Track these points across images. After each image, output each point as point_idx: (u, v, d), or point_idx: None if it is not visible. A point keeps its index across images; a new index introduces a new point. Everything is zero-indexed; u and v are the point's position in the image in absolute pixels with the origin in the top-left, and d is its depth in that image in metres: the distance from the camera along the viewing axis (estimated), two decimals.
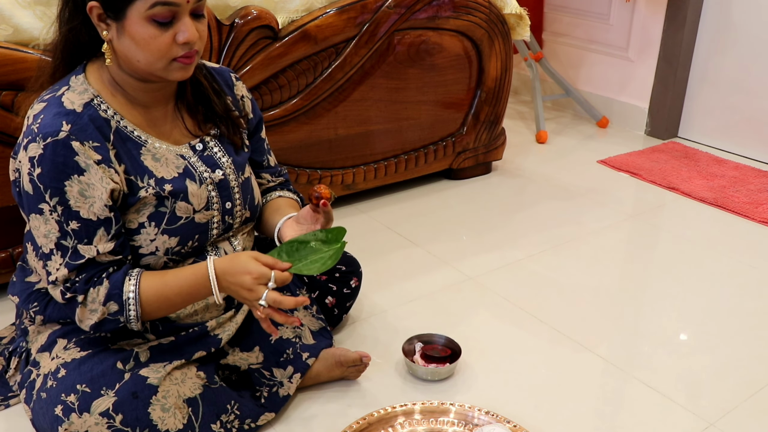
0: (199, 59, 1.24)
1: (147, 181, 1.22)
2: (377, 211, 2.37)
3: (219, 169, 1.32)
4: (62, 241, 1.15)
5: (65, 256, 1.15)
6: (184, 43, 1.14)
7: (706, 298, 1.90)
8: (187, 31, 1.13)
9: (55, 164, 1.11)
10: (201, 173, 1.29)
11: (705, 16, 2.97)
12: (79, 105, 1.16)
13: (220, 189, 1.32)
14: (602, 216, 2.39)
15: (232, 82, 1.41)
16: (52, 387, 1.20)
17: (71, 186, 1.13)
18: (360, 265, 1.69)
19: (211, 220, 1.31)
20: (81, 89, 1.18)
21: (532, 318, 1.79)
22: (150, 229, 1.23)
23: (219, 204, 1.31)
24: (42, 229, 1.15)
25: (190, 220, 1.27)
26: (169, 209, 1.24)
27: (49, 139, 1.11)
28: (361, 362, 1.48)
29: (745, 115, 2.93)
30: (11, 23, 1.58)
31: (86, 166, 1.13)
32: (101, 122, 1.18)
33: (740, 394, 1.53)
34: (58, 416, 1.16)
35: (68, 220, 1.14)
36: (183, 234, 1.27)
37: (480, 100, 2.52)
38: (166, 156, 1.25)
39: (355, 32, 2.10)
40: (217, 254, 1.35)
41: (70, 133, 1.12)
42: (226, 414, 1.29)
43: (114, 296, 1.17)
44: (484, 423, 1.37)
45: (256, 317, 1.24)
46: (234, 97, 1.40)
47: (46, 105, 1.16)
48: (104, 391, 1.18)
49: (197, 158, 1.30)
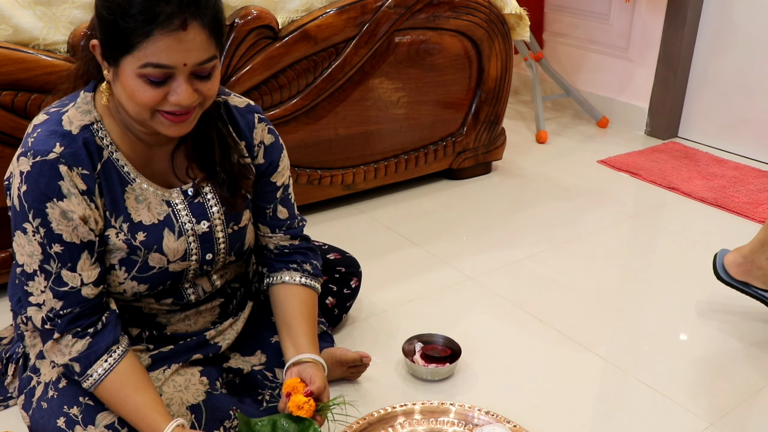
0: (198, 115, 1.14)
1: (120, 224, 1.16)
2: (377, 211, 2.37)
3: (205, 220, 1.24)
4: (45, 264, 1.11)
5: (48, 279, 1.11)
6: (174, 104, 1.07)
7: (706, 298, 1.90)
8: (179, 94, 1.05)
9: (39, 185, 1.08)
10: (183, 224, 1.22)
11: (705, 16, 2.97)
12: (76, 127, 1.12)
13: (202, 241, 1.24)
14: (602, 216, 2.39)
15: (253, 124, 1.29)
16: (53, 398, 1.19)
17: (53, 209, 1.09)
18: (360, 265, 1.69)
19: (187, 269, 1.25)
20: (84, 109, 1.15)
21: (532, 318, 1.79)
22: (120, 272, 1.18)
23: (198, 255, 1.24)
24: (26, 249, 1.11)
25: (163, 270, 1.21)
26: (142, 258, 1.19)
27: (39, 157, 1.08)
28: (361, 362, 1.48)
29: (745, 115, 2.93)
30: (11, 23, 1.58)
31: (68, 193, 1.09)
32: (94, 148, 1.13)
33: (740, 394, 1.53)
34: (61, 428, 1.15)
35: (51, 243, 1.10)
36: (154, 281, 1.22)
37: (480, 100, 2.52)
38: (150, 200, 1.19)
39: (355, 32, 2.10)
40: (195, 291, 1.29)
41: (60, 156, 1.09)
42: (229, 420, 1.27)
43: (82, 363, 1.13)
44: (484, 423, 1.37)
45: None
46: (250, 142, 1.29)
47: (47, 119, 1.13)
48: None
49: (185, 206, 1.22)
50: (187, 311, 1.32)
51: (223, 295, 1.37)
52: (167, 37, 1.01)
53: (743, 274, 1.73)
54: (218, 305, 1.37)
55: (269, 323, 1.45)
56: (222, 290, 1.37)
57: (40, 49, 1.62)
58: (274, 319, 1.38)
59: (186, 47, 1.03)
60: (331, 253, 1.67)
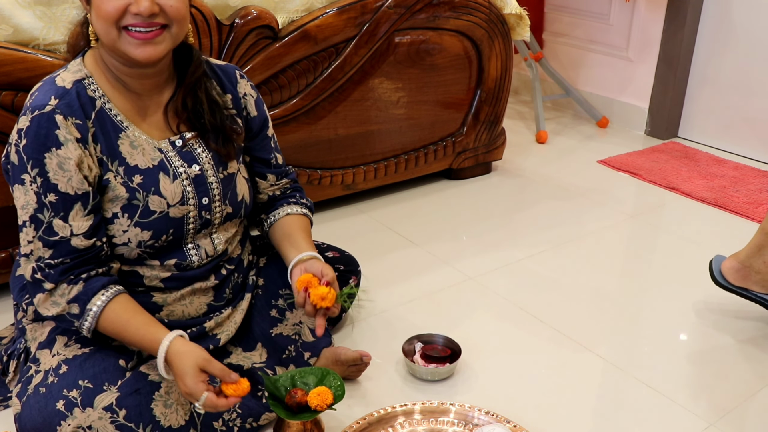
0: (170, 43, 1.20)
1: (117, 167, 1.22)
2: (377, 211, 2.37)
3: (196, 164, 1.30)
4: (38, 214, 1.16)
5: (38, 229, 1.16)
6: (135, 14, 1.12)
7: (705, 298, 1.90)
8: (139, 3, 1.11)
9: (38, 136, 1.14)
10: (176, 168, 1.27)
11: (705, 16, 2.97)
12: (69, 82, 1.20)
13: (197, 184, 1.29)
14: (602, 216, 2.39)
15: (236, 79, 1.39)
16: (53, 383, 1.20)
17: (50, 159, 1.14)
18: (359, 264, 1.69)
19: (187, 215, 1.29)
20: (75, 69, 1.22)
21: (532, 318, 1.79)
22: (123, 220, 1.23)
23: (195, 199, 1.29)
24: (21, 200, 1.17)
25: (164, 215, 1.26)
26: (142, 202, 1.24)
27: (36, 112, 1.15)
28: (361, 361, 1.48)
29: (745, 115, 2.93)
30: (11, 23, 1.58)
31: (65, 140, 1.15)
32: (86, 99, 1.20)
33: (740, 394, 1.53)
34: (59, 411, 1.16)
35: (46, 192, 1.15)
36: (156, 228, 1.26)
37: (480, 100, 2.52)
38: (143, 146, 1.25)
39: (355, 32, 2.10)
40: (197, 252, 1.33)
41: (55, 107, 1.15)
42: (228, 412, 1.29)
43: (80, 300, 1.18)
44: (484, 423, 1.37)
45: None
46: (236, 95, 1.39)
47: (42, 84, 1.21)
48: (107, 387, 1.18)
49: (175, 153, 1.29)
50: (184, 289, 1.33)
51: (217, 275, 1.38)
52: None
53: (741, 280, 1.72)
54: (212, 287, 1.37)
55: (269, 316, 1.46)
56: (217, 268, 1.38)
57: (40, 49, 1.62)
58: (275, 238, 1.45)
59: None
60: (329, 251, 1.67)
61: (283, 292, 1.48)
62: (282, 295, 1.48)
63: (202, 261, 1.34)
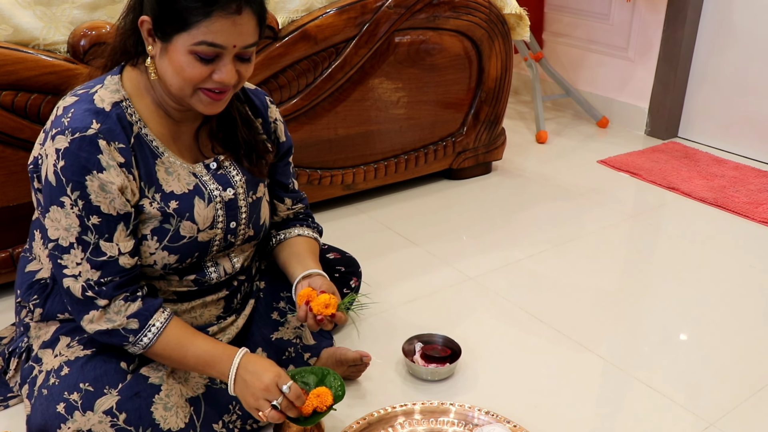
0: (230, 97, 1.23)
1: (153, 194, 1.22)
2: (377, 211, 2.37)
3: (231, 187, 1.31)
4: (83, 236, 1.15)
5: (86, 251, 1.16)
6: (217, 81, 1.15)
7: (705, 297, 1.90)
8: (224, 73, 1.14)
9: (78, 159, 1.13)
10: (211, 191, 1.28)
11: (705, 16, 2.97)
12: (108, 104, 1.18)
13: (228, 208, 1.30)
14: (602, 216, 2.39)
15: (266, 104, 1.41)
16: (54, 384, 1.20)
17: (92, 181, 1.13)
18: (359, 265, 1.69)
19: (213, 238, 1.30)
20: (113, 89, 1.20)
21: (532, 318, 1.79)
22: (151, 242, 1.23)
23: (224, 223, 1.30)
24: (63, 222, 1.15)
25: (193, 239, 1.26)
26: (174, 227, 1.24)
27: (78, 134, 1.13)
28: (361, 361, 1.48)
29: (745, 115, 2.93)
30: (11, 23, 1.58)
31: (107, 165, 1.14)
32: (126, 123, 1.19)
33: (740, 394, 1.53)
34: (60, 414, 1.16)
35: (89, 214, 1.14)
36: (183, 252, 1.26)
37: (480, 100, 2.52)
38: (178, 172, 1.25)
39: (355, 32, 2.10)
40: (216, 270, 1.34)
41: (98, 132, 1.14)
42: (228, 414, 1.29)
43: (141, 316, 1.19)
44: (484, 423, 1.37)
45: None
46: (266, 119, 1.40)
47: (77, 99, 1.18)
48: (107, 390, 1.18)
49: (210, 176, 1.29)
50: (195, 301, 1.34)
51: (229, 287, 1.39)
52: (224, 19, 1.10)
53: None
54: (224, 297, 1.38)
55: (270, 320, 1.46)
56: (229, 280, 1.39)
57: (40, 49, 1.62)
58: (282, 255, 1.46)
59: (238, 30, 1.12)
60: (330, 252, 1.67)
61: (285, 294, 1.49)
62: (284, 298, 1.49)
63: (221, 278, 1.35)
